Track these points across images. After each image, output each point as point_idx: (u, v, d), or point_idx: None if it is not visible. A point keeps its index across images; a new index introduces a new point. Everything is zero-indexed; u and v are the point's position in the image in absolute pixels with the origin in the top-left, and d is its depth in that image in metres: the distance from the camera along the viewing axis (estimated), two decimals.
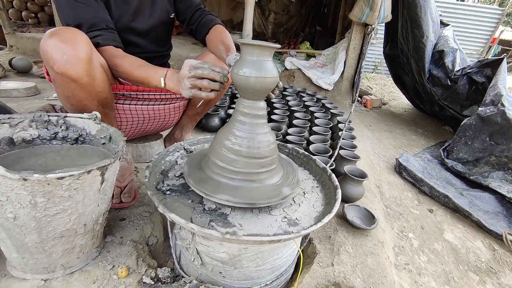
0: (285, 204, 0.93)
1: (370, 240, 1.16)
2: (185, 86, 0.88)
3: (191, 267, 0.92)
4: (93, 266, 0.87)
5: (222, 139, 0.87)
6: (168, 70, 0.96)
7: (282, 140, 1.74)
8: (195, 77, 0.86)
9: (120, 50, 1.08)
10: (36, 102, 2.27)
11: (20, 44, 3.85)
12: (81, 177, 0.68)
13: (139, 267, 0.91)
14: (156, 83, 0.96)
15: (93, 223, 0.82)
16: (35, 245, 0.73)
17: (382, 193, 1.73)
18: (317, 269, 0.99)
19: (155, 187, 0.91)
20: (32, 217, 0.68)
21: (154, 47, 1.34)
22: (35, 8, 4.98)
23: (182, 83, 0.89)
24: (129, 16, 1.19)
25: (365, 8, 2.69)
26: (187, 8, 1.33)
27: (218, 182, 0.85)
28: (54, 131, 0.93)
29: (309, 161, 1.19)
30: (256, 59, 0.81)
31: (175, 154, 1.13)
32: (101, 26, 1.04)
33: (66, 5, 1.02)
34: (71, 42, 0.89)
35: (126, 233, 1.02)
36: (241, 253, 0.83)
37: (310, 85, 3.28)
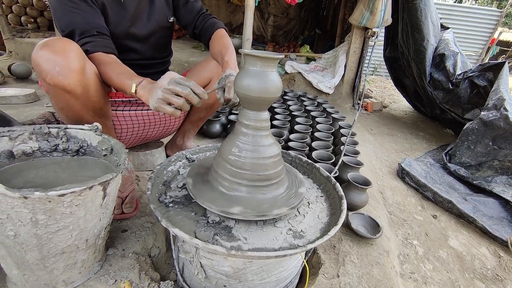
0: (290, 216, 0.91)
1: (375, 249, 1.15)
2: (155, 96, 0.83)
3: (195, 280, 0.90)
4: (95, 281, 0.85)
5: (226, 152, 0.86)
6: (146, 79, 0.92)
7: (284, 147, 1.73)
8: (171, 91, 0.82)
9: (111, 56, 1.04)
10: (35, 108, 2.25)
11: (20, 49, 3.84)
12: (82, 193, 0.66)
13: (142, 281, 0.89)
14: (129, 90, 0.91)
15: (95, 237, 0.80)
16: (36, 262, 0.71)
17: (385, 199, 1.72)
18: (323, 281, 0.97)
19: (158, 199, 0.89)
20: (33, 235, 0.66)
21: (153, 53, 1.33)
22: (34, 13, 4.99)
23: (154, 92, 0.83)
24: (126, 21, 1.18)
25: (365, 12, 2.69)
26: (189, 14, 1.32)
27: (223, 195, 0.84)
28: (55, 143, 0.92)
29: (313, 170, 1.18)
30: (259, 70, 0.80)
31: (177, 164, 1.11)
32: (92, 33, 1.02)
33: (60, 10, 1.01)
34: (62, 53, 0.88)
35: (128, 245, 1.01)
36: (246, 267, 0.82)
37: (311, 88, 3.27)
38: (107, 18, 1.10)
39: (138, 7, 1.18)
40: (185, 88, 0.82)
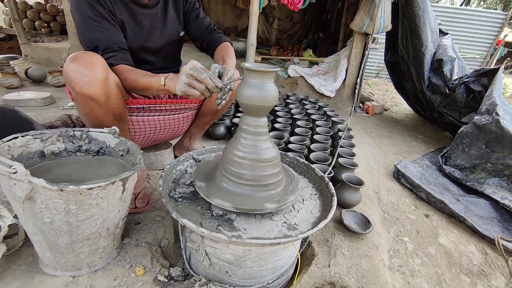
0: (286, 211, 1.02)
1: (365, 244, 1.25)
2: (181, 81, 0.95)
3: (200, 267, 1.01)
4: (114, 265, 0.97)
5: (230, 152, 0.97)
6: (170, 74, 1.06)
7: (284, 148, 1.83)
8: (193, 77, 0.94)
9: (130, 66, 1.18)
10: (52, 111, 2.40)
11: (35, 53, 4.03)
12: (106, 187, 0.78)
13: (154, 267, 1.01)
14: (157, 84, 1.05)
15: (114, 227, 0.92)
16: (66, 246, 0.84)
17: (380, 198, 1.81)
18: (315, 270, 1.08)
19: (168, 195, 1.01)
20: (65, 222, 0.78)
21: (165, 64, 1.46)
22: (48, 17, 5.18)
23: (180, 79, 0.96)
24: (142, 37, 1.31)
25: (366, 18, 2.79)
26: (198, 29, 1.45)
27: (226, 190, 0.95)
28: (78, 144, 1.04)
29: (309, 170, 1.29)
30: (258, 81, 0.91)
31: (185, 164, 1.23)
32: (114, 48, 1.15)
33: (84, 28, 1.14)
34: (89, 66, 1.01)
35: (141, 235, 1.13)
36: (245, 255, 0.93)
37: (313, 92, 3.37)
38: (125, 34, 1.23)
39: (152, 24, 1.30)
40: (203, 74, 0.94)
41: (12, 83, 2.83)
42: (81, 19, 1.14)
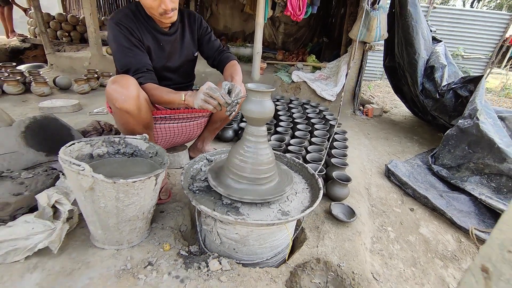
0: (281, 201, 1.28)
1: (349, 230, 1.49)
2: (199, 98, 1.22)
3: (213, 245, 1.28)
4: (146, 243, 1.25)
5: (235, 154, 1.23)
6: (189, 91, 1.33)
7: (285, 150, 2.08)
8: (208, 94, 1.20)
9: (155, 84, 1.46)
10: (81, 116, 2.72)
11: (59, 62, 4.39)
12: (145, 181, 1.06)
13: (177, 244, 1.28)
14: (179, 100, 1.32)
15: (147, 212, 1.20)
16: (114, 225, 1.11)
17: (370, 194, 2.04)
18: (305, 249, 1.33)
19: (188, 188, 1.28)
20: (115, 206, 1.06)
21: (182, 79, 1.73)
22: (69, 27, 5.57)
23: (198, 96, 1.22)
24: (164, 58, 1.58)
25: (363, 28, 3.00)
26: (210, 50, 1.71)
27: (232, 184, 1.21)
28: (117, 148, 1.33)
29: (303, 168, 1.54)
30: (258, 99, 1.16)
31: (200, 163, 1.50)
32: (143, 70, 1.43)
33: (119, 54, 1.42)
34: (125, 87, 1.29)
35: (165, 221, 1.40)
36: (249, 234, 1.18)
37: (315, 96, 3.60)
38: (150, 57, 1.51)
39: (172, 47, 1.58)
40: (216, 92, 1.20)
41: (44, 91, 3.17)
42: (117, 47, 1.42)
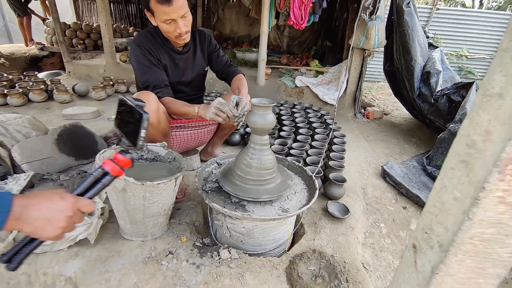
0: (282, 199, 1.47)
1: (344, 226, 1.67)
2: (210, 111, 1.42)
3: (223, 238, 1.48)
4: (166, 235, 1.46)
5: (242, 159, 1.43)
6: (201, 105, 1.53)
7: (287, 153, 2.27)
8: (219, 109, 1.41)
9: (172, 98, 1.66)
10: (100, 122, 2.95)
11: (76, 70, 4.67)
12: (167, 183, 1.26)
13: (192, 237, 1.49)
14: (193, 112, 1.52)
15: (168, 209, 1.41)
16: (140, 220, 1.33)
17: (365, 193, 2.21)
18: (303, 242, 1.52)
19: (202, 188, 1.48)
20: (142, 204, 1.27)
21: (194, 92, 1.94)
22: (83, 35, 5.86)
23: (209, 109, 1.43)
24: (179, 74, 1.79)
25: (362, 36, 3.16)
26: (219, 65, 1.91)
27: (240, 185, 1.41)
28: (141, 154, 1.54)
29: (302, 171, 1.73)
30: (261, 113, 1.36)
31: (211, 166, 1.70)
32: (161, 86, 1.64)
33: (140, 72, 1.63)
34: (147, 101, 1.49)
35: (181, 217, 1.61)
36: (253, 228, 1.38)
37: (317, 100, 3.78)
38: (167, 73, 1.72)
39: (185, 64, 1.79)
40: (225, 107, 1.40)
41: (65, 99, 3.43)
42: (138, 66, 1.64)
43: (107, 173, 0.84)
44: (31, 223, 0.66)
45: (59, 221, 0.69)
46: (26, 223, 0.66)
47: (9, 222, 0.63)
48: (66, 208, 0.70)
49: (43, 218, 0.67)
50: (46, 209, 0.68)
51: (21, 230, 0.66)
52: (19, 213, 0.64)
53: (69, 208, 0.71)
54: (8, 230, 0.64)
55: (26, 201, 0.66)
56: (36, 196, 0.69)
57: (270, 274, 1.29)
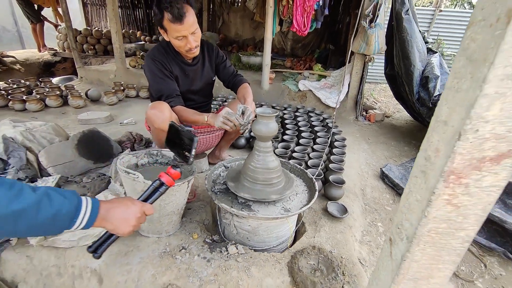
0: (284, 200, 1.61)
1: (342, 225, 1.80)
2: (219, 120, 1.57)
3: (231, 235, 1.62)
4: (179, 232, 1.61)
5: (248, 164, 1.57)
6: (210, 113, 1.68)
7: (290, 156, 2.40)
8: (227, 118, 1.55)
9: (183, 106, 1.81)
10: (113, 127, 3.13)
11: (88, 75, 4.87)
12: (181, 185, 1.41)
13: (202, 234, 1.63)
14: (202, 120, 1.67)
15: (180, 209, 1.55)
16: (157, 219, 1.48)
17: (364, 194, 2.34)
18: (304, 239, 1.65)
19: (211, 190, 1.63)
20: (158, 204, 1.42)
21: (202, 99, 2.09)
22: (93, 41, 6.07)
23: (218, 118, 1.58)
24: (188, 84, 1.94)
25: (362, 43, 3.28)
26: (226, 74, 2.06)
27: (246, 187, 1.55)
28: (156, 159, 1.69)
29: (303, 173, 1.86)
30: (265, 121, 1.50)
31: (219, 169, 1.84)
32: (173, 95, 1.79)
33: (154, 82, 1.79)
34: (161, 111, 1.65)
35: (192, 216, 1.76)
36: (258, 226, 1.52)
37: (320, 104, 3.90)
38: (178, 83, 1.86)
39: (195, 74, 1.93)
40: (232, 116, 1.55)
41: (79, 104, 3.61)
42: (152, 77, 1.79)
43: (163, 183, 1.07)
44: (112, 222, 0.86)
45: (131, 220, 0.90)
46: (109, 222, 0.86)
47: (97, 221, 0.83)
48: (136, 211, 0.91)
49: (121, 218, 0.87)
50: (123, 212, 0.88)
51: (104, 227, 0.87)
52: (104, 215, 0.84)
53: (138, 211, 0.92)
54: (96, 227, 0.84)
55: (109, 205, 0.86)
56: (115, 202, 0.89)
57: (274, 267, 1.42)
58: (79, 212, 0.78)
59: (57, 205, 0.73)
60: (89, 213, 0.80)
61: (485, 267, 1.80)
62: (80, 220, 0.78)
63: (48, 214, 0.71)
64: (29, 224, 0.68)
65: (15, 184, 0.68)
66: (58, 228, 0.76)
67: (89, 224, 0.81)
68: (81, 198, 0.81)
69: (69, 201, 0.76)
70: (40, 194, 0.71)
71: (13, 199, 0.66)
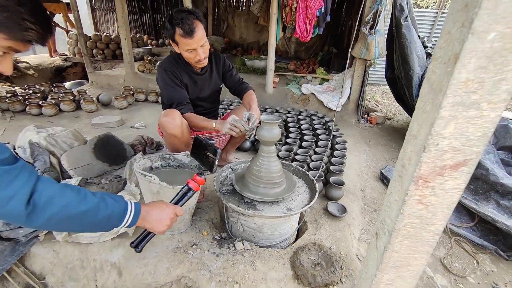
0: (287, 200, 1.73)
1: (341, 223, 1.92)
2: (226, 126, 1.71)
3: (237, 233, 1.76)
4: (190, 230, 1.74)
5: (253, 166, 1.70)
6: (217, 120, 1.82)
7: (293, 158, 2.53)
8: (233, 124, 1.69)
9: (192, 113, 1.96)
10: (124, 130, 3.28)
11: (98, 80, 5.05)
12: None
13: (211, 231, 1.77)
14: (210, 126, 1.81)
15: (191, 208, 1.69)
16: None
17: (364, 195, 2.45)
18: (306, 236, 1.78)
19: (219, 191, 1.76)
20: None
21: (210, 106, 2.23)
22: (102, 46, 6.27)
23: (225, 125, 1.71)
24: (197, 91, 2.08)
25: (363, 48, 3.39)
26: (232, 82, 2.19)
27: (251, 188, 1.68)
28: (168, 162, 1.83)
29: (305, 175, 1.98)
30: (269, 127, 1.63)
31: (226, 172, 1.98)
32: (183, 103, 1.93)
33: (166, 90, 1.93)
34: (173, 118, 1.79)
35: (202, 215, 1.89)
36: (263, 224, 1.65)
37: (322, 107, 4.02)
38: (188, 91, 2.01)
39: (203, 83, 2.08)
40: (238, 122, 1.68)
41: (91, 108, 3.79)
42: (164, 86, 1.93)
43: (191, 189, 1.24)
44: (150, 222, 1.01)
45: (166, 220, 1.05)
46: (148, 222, 1.01)
47: (139, 221, 0.99)
48: (169, 213, 1.07)
49: (157, 219, 1.02)
50: (159, 214, 1.03)
51: (144, 226, 1.03)
52: (144, 216, 1.00)
53: (171, 212, 1.07)
54: (137, 226, 1.01)
55: (148, 208, 1.02)
56: (152, 205, 1.05)
57: (277, 262, 1.55)
58: (126, 213, 0.93)
59: (111, 207, 0.89)
60: (133, 214, 0.95)
61: (477, 264, 1.91)
62: (126, 220, 0.93)
63: (105, 214, 0.87)
64: (91, 222, 0.84)
65: (80, 190, 0.84)
66: (110, 225, 0.92)
67: (133, 223, 0.96)
68: (127, 202, 0.96)
69: (119, 204, 0.92)
70: (98, 198, 0.87)
71: (81, 201, 0.81)
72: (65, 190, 0.80)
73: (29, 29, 0.74)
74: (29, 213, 0.72)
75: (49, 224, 0.78)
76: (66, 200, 0.78)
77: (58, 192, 0.78)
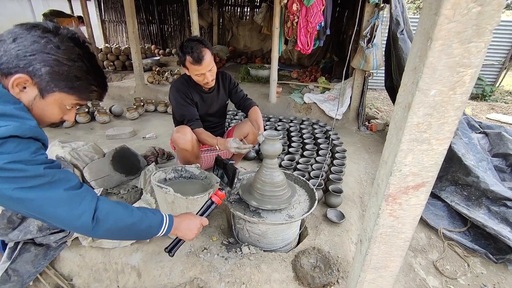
0: (289, 208, 1.90)
1: (339, 229, 2.08)
2: (228, 145, 1.90)
3: (244, 238, 1.93)
4: (200, 236, 1.92)
5: (257, 178, 1.87)
6: (219, 138, 2.01)
7: (295, 167, 2.69)
8: (239, 148, 1.88)
9: (201, 129, 2.14)
10: (137, 141, 3.49)
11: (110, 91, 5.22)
12: (203, 196, 1.73)
13: (220, 237, 1.94)
14: (214, 145, 2.01)
15: None
16: None
17: (362, 201, 2.60)
18: (306, 241, 1.94)
19: (227, 199, 1.94)
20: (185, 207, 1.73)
21: (218, 120, 2.42)
22: (113, 57, 6.53)
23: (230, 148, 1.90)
24: (206, 108, 2.28)
25: (361, 60, 3.55)
26: (237, 98, 2.38)
27: (256, 197, 1.85)
28: (180, 174, 2.02)
29: (305, 184, 2.15)
30: (271, 143, 1.80)
31: None
32: (193, 119, 2.12)
33: (177, 108, 2.13)
34: (184, 133, 1.99)
35: (211, 222, 2.07)
36: (267, 230, 1.82)
37: (324, 116, 4.18)
38: (197, 108, 2.20)
39: (211, 100, 2.27)
40: (243, 150, 1.87)
41: (105, 120, 4.01)
42: (176, 104, 2.13)
43: (213, 202, 1.42)
44: (181, 231, 1.21)
45: (194, 230, 1.25)
46: (179, 231, 1.21)
47: (172, 230, 1.18)
48: (197, 223, 1.27)
49: (187, 228, 1.21)
50: (188, 224, 1.22)
51: (176, 234, 1.22)
52: (176, 226, 1.19)
53: (198, 223, 1.27)
54: (171, 234, 1.19)
55: (179, 219, 1.21)
56: (183, 217, 1.24)
57: (280, 264, 1.72)
58: (163, 223, 1.11)
59: (151, 219, 1.08)
60: (168, 224, 1.13)
61: (468, 266, 2.04)
62: (162, 229, 1.11)
63: (146, 225, 1.06)
64: (137, 231, 1.04)
65: (128, 206, 1.04)
66: (151, 234, 1.11)
67: (168, 231, 1.15)
68: (163, 215, 1.15)
69: (157, 216, 1.12)
70: (142, 212, 1.06)
71: (129, 215, 1.00)
72: (117, 206, 0.99)
73: (93, 91, 0.96)
74: (93, 226, 0.90)
75: (107, 233, 0.96)
76: (119, 215, 0.97)
77: (112, 209, 0.96)
